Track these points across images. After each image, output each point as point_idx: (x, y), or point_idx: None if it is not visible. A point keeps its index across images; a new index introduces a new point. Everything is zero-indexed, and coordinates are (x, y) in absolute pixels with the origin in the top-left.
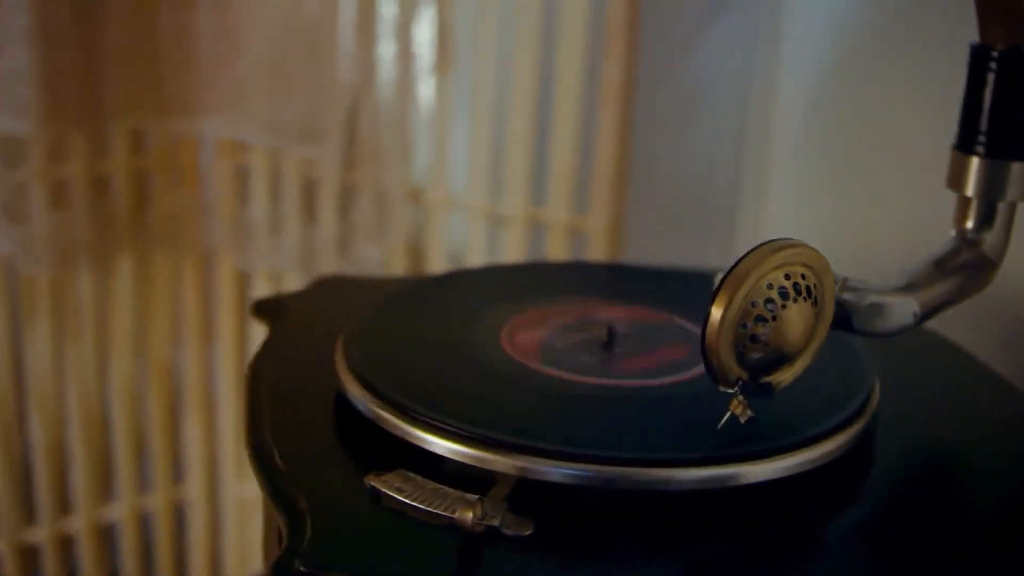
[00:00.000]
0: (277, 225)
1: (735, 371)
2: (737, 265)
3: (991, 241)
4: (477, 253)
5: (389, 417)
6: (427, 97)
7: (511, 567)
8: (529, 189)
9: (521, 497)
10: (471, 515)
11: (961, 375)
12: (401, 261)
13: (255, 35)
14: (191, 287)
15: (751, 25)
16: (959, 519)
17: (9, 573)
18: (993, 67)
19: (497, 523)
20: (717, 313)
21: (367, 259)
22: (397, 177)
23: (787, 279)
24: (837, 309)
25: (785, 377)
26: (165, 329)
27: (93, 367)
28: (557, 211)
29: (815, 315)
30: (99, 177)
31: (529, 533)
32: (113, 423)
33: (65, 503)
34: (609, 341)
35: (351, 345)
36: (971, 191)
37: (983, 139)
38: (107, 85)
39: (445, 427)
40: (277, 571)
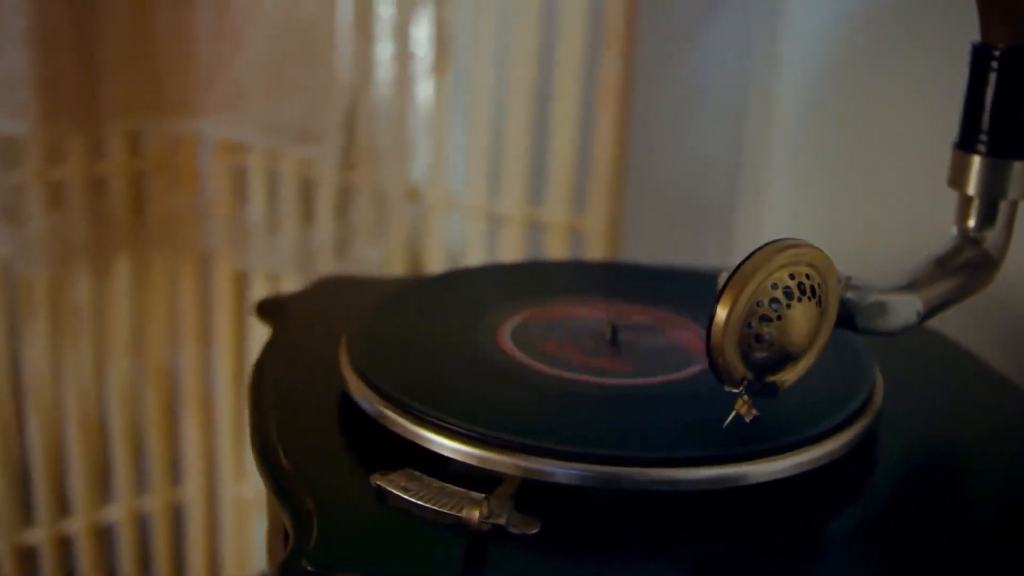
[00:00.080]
0: (275, 226)
1: (740, 370)
2: (742, 265)
3: (993, 240)
4: (476, 253)
5: (394, 417)
6: (425, 97)
7: (517, 566)
8: (527, 189)
9: (526, 496)
10: (477, 514)
11: (962, 373)
12: (400, 261)
13: (253, 36)
14: (189, 288)
15: (749, 24)
16: (960, 518)
17: (7, 574)
18: (994, 66)
19: (503, 522)
20: (722, 313)
21: (366, 259)
22: (395, 177)
23: (792, 279)
24: (840, 308)
25: (789, 376)
26: (163, 330)
27: (91, 368)
28: (555, 211)
29: (819, 314)
30: (97, 178)
31: (535, 532)
32: (111, 424)
33: (63, 504)
34: (612, 340)
35: (355, 345)
36: (973, 190)
37: (984, 138)
38: (105, 86)
39: (451, 427)
40: (284, 571)
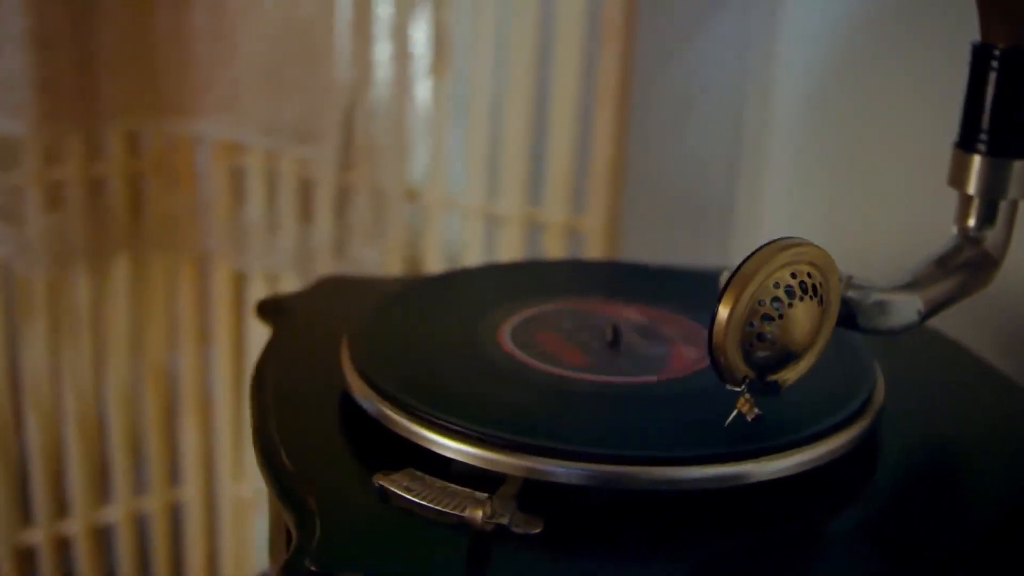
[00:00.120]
0: (274, 226)
1: (742, 369)
2: (744, 264)
3: (993, 239)
4: (474, 253)
5: (396, 417)
6: (424, 97)
7: (521, 565)
8: (526, 189)
9: (529, 496)
10: (481, 514)
11: (962, 372)
12: (398, 261)
13: (251, 36)
14: (187, 289)
15: (747, 23)
16: (960, 517)
17: (6, 575)
18: (994, 66)
19: (506, 521)
20: (724, 312)
21: (364, 259)
22: (394, 177)
23: (793, 278)
24: (842, 307)
25: (791, 375)
26: (161, 331)
27: (89, 369)
28: (554, 211)
29: (821, 313)
30: (95, 179)
31: (538, 531)
32: (109, 425)
33: (62, 505)
34: (614, 339)
35: (356, 345)
36: (973, 189)
37: (984, 137)
38: (103, 87)
39: (453, 427)
40: (288, 571)
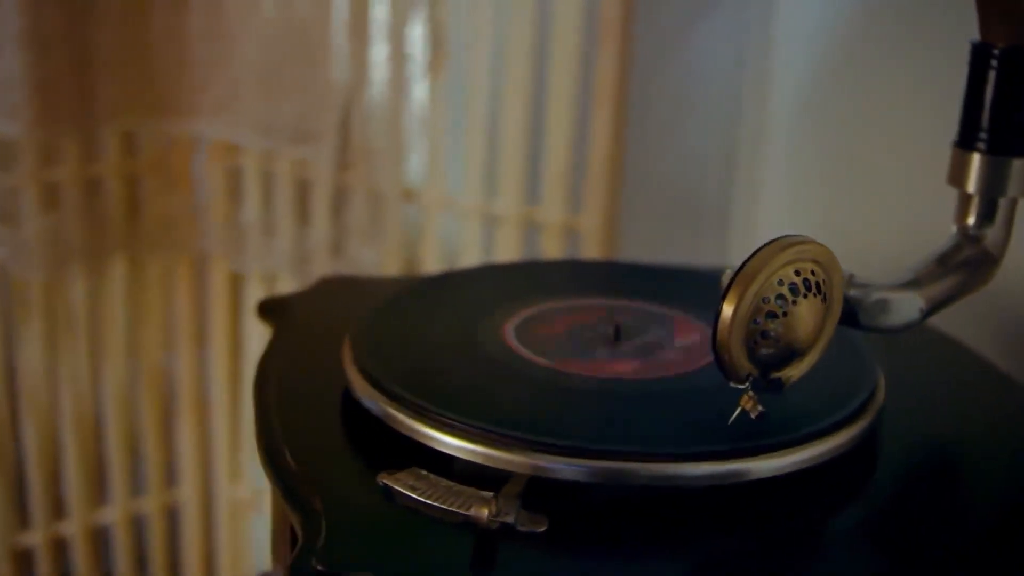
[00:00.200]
0: (271, 227)
1: (746, 367)
2: (748, 262)
3: (992, 237)
4: (471, 253)
5: (400, 416)
6: (421, 98)
7: (526, 563)
8: (523, 189)
9: (534, 494)
10: (486, 512)
11: (962, 371)
12: (395, 262)
13: (248, 37)
14: (184, 290)
15: (744, 23)
16: (960, 517)
17: None
18: (994, 65)
19: (511, 520)
20: (728, 309)
21: (362, 260)
22: (391, 178)
23: (797, 275)
24: (844, 305)
25: (795, 372)
26: (158, 332)
27: (86, 370)
28: (551, 211)
29: (824, 311)
30: (92, 180)
31: (543, 529)
32: (106, 426)
33: (59, 506)
34: (616, 337)
35: (358, 345)
36: (972, 187)
37: (984, 136)
38: (100, 87)
39: (458, 425)
40: (294, 571)
